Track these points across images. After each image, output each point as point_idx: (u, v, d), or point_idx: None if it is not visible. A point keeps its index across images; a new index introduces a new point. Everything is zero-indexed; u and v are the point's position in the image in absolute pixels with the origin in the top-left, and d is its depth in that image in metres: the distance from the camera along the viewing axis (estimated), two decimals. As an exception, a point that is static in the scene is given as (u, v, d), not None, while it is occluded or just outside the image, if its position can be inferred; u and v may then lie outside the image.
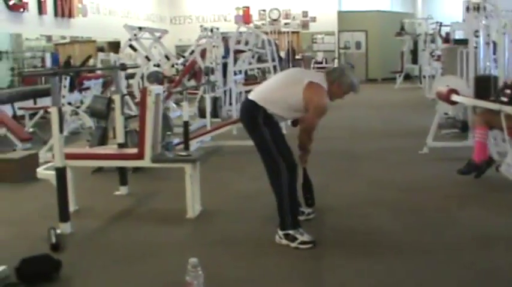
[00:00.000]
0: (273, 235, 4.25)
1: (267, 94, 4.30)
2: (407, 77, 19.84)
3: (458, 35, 15.56)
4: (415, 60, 19.47)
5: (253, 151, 4.38)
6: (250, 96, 4.34)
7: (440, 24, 17.08)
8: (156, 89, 4.99)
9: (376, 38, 22.07)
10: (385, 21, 21.81)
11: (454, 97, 6.26)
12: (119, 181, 5.78)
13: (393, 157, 7.50)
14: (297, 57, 20.18)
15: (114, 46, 15.32)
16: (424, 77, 17.57)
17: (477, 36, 9.14)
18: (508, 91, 5.62)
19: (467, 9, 7.54)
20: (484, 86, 7.40)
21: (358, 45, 22.87)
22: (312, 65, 18.95)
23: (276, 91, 4.30)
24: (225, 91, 10.72)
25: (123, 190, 5.77)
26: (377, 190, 5.80)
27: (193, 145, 7.57)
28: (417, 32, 19.43)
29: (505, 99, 5.58)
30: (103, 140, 7.00)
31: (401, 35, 19.62)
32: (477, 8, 7.42)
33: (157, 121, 5.00)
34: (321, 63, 18.88)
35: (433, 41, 17.27)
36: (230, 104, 10.62)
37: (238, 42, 11.44)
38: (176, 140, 6.96)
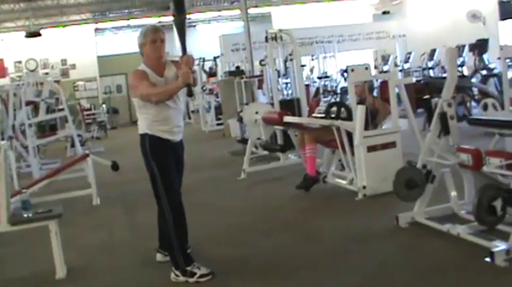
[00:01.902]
0: (161, 279, 4.17)
1: (139, 121, 4.24)
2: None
3: (223, 68, 16.50)
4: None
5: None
6: None
7: (203, 60, 17.75)
8: (3, 144, 4.54)
9: (136, 79, 22.12)
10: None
11: (287, 119, 6.64)
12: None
13: (223, 186, 7.67)
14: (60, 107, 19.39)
15: None
16: (193, 111, 18.12)
17: (264, 65, 9.82)
18: (334, 108, 6.14)
19: (266, 39, 8.04)
20: (288, 108, 7.99)
21: (119, 88, 22.80)
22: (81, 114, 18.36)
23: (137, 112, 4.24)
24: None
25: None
26: (237, 217, 5.93)
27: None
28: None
29: (333, 115, 6.10)
30: None
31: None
32: (275, 38, 7.95)
33: (7, 180, 4.55)
34: (90, 109, 18.43)
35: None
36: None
37: (14, 94, 10.72)
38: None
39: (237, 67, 14.88)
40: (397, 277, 3.85)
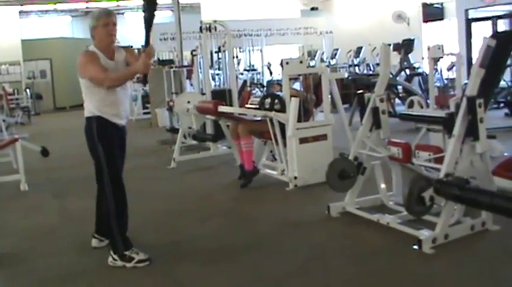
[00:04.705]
0: (98, 263, 4.23)
1: (85, 103, 4.21)
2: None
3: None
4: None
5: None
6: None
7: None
8: None
9: (61, 65, 21.62)
10: (69, 48, 21.47)
11: (222, 108, 6.71)
12: None
13: (154, 174, 7.71)
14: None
15: None
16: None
17: (195, 55, 9.85)
18: (268, 100, 6.28)
19: (200, 29, 8.08)
20: (220, 98, 8.09)
21: (43, 74, 22.21)
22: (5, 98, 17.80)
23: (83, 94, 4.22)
24: None
25: None
26: (171, 204, 6.02)
27: None
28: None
29: (267, 106, 6.24)
30: None
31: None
32: (209, 29, 8.00)
33: None
34: (13, 94, 17.92)
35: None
36: None
37: None
38: None
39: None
40: (332, 261, 4.04)
